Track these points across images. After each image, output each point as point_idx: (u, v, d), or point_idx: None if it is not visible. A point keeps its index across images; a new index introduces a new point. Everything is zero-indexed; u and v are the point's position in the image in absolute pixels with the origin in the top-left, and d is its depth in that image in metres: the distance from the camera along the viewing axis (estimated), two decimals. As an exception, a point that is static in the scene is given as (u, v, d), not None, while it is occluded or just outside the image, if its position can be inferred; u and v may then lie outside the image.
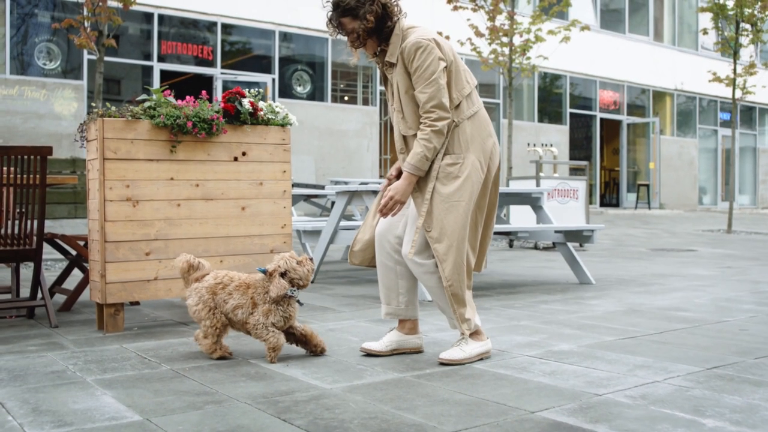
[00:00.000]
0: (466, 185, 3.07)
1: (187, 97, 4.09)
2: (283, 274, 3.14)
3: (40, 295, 4.34)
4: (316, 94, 15.25)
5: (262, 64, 14.71)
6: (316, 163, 14.86)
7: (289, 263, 3.16)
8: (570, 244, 6.27)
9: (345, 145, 15.41)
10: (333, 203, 10.08)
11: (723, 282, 6.20)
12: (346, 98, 15.98)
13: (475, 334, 3.18)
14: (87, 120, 3.99)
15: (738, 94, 14.34)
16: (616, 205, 21.26)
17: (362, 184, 8.27)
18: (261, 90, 4.40)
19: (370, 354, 3.28)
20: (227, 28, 14.23)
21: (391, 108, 3.26)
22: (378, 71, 3.46)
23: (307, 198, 9.32)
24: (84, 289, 4.66)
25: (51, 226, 10.09)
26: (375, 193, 5.60)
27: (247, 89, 4.33)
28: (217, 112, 4.11)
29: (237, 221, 4.20)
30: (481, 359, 3.18)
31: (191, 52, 13.93)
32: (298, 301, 3.23)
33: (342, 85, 16.01)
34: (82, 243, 4.53)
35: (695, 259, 8.55)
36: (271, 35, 14.63)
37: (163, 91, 4.02)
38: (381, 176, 16.18)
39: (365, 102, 16.09)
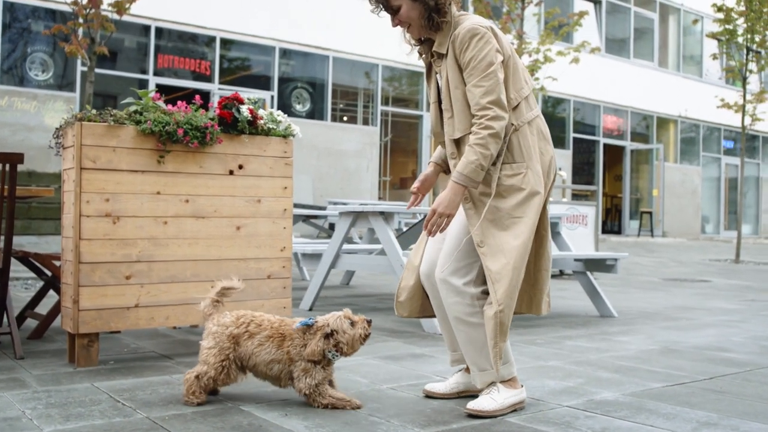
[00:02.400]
0: (531, 201, 2.60)
1: (179, 102, 3.64)
2: (330, 334, 2.68)
3: (6, 321, 3.85)
4: (315, 113, 14.84)
5: (261, 80, 14.30)
6: (313, 183, 14.41)
7: (340, 323, 2.70)
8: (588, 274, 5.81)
9: (344, 165, 14.98)
10: (331, 224, 9.62)
11: (754, 317, 5.76)
12: (345, 118, 15.57)
13: (508, 380, 2.71)
14: (63, 124, 3.53)
15: (747, 121, 14.00)
16: (618, 232, 20.82)
17: (361, 205, 7.82)
18: (261, 98, 3.96)
19: (431, 397, 2.86)
20: (226, 44, 13.84)
21: (435, 107, 2.80)
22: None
23: (307, 219, 8.84)
24: (57, 315, 4.17)
25: (36, 243, 9.59)
26: (382, 213, 5.13)
27: (246, 97, 3.90)
28: (212, 119, 3.65)
29: (231, 242, 3.73)
30: (515, 410, 2.70)
31: (189, 66, 13.52)
32: None
33: (342, 105, 15.61)
34: (58, 263, 4.06)
35: (712, 290, 8.11)
36: (271, 51, 14.25)
37: (151, 94, 3.57)
38: (380, 198, 15.73)
39: (365, 122, 15.69)
